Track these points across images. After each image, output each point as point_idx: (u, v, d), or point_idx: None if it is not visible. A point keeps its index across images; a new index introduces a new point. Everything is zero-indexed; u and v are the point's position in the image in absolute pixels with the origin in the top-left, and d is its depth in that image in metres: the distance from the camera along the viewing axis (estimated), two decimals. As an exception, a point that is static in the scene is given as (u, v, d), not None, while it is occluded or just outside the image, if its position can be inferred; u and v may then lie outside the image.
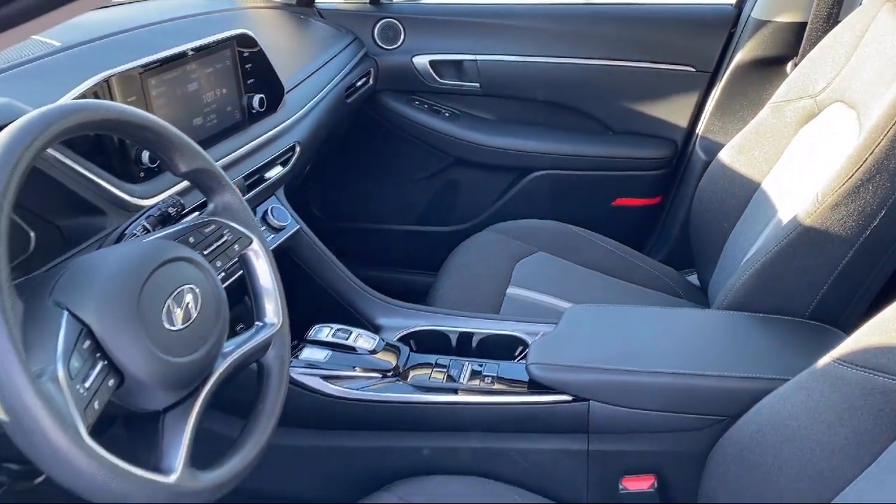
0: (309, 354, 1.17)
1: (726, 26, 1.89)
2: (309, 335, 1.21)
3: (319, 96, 1.59)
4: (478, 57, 1.97)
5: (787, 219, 1.19)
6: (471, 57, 1.98)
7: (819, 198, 1.12)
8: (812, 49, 1.46)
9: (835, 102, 1.34)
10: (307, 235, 1.41)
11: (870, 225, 1.10)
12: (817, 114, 1.38)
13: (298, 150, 1.44)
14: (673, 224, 2.00)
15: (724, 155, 1.52)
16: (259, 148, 1.33)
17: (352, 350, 1.18)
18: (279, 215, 1.33)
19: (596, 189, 2.00)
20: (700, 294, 1.57)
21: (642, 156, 1.97)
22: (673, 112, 1.96)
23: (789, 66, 1.81)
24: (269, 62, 1.36)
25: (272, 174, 1.35)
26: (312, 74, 1.64)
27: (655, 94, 1.95)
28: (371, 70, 1.94)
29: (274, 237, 1.31)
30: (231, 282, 1.08)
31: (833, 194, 1.10)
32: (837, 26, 1.43)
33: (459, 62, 2.00)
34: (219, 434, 1.06)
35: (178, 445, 0.73)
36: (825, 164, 1.23)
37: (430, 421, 1.15)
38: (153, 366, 0.71)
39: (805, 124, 1.40)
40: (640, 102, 1.96)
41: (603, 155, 1.97)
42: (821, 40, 1.45)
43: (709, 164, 1.58)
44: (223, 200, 0.90)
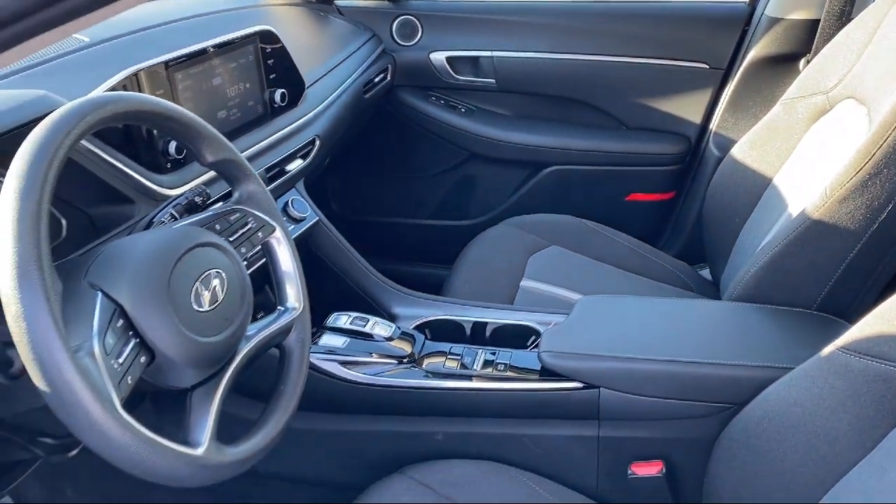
0: (328, 341, 1.21)
1: (740, 23, 1.90)
2: (328, 323, 1.25)
3: (338, 92, 1.63)
4: (494, 53, 2.00)
5: (797, 213, 1.21)
6: (487, 53, 2.00)
7: (827, 192, 1.14)
8: (825, 46, 1.47)
9: (846, 99, 1.35)
10: (326, 227, 1.44)
11: (877, 218, 1.12)
12: (829, 110, 1.39)
13: (318, 144, 1.47)
14: (686, 219, 2.01)
15: (737, 151, 1.53)
16: (280, 141, 1.36)
17: (369, 337, 1.21)
18: (299, 207, 1.37)
19: (610, 184, 2.02)
20: (712, 288, 1.59)
21: (656, 151, 1.99)
22: (686, 108, 1.97)
23: (802, 63, 1.82)
24: (291, 58, 1.40)
25: (293, 167, 1.39)
26: (332, 70, 1.67)
27: (669, 91, 1.97)
28: (389, 66, 1.97)
29: (294, 228, 1.34)
30: (253, 270, 1.12)
31: (841, 188, 1.12)
32: (850, 23, 1.44)
33: (475, 58, 2.02)
34: (241, 418, 1.10)
35: (205, 421, 0.77)
36: (835, 160, 1.24)
37: (444, 406, 1.18)
38: (182, 344, 0.75)
39: (817, 120, 1.42)
40: (655, 99, 1.98)
41: (617, 150, 1.99)
42: (833, 37, 1.46)
43: (722, 160, 1.59)
44: (248, 190, 0.94)
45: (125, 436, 0.66)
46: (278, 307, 0.95)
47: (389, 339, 1.22)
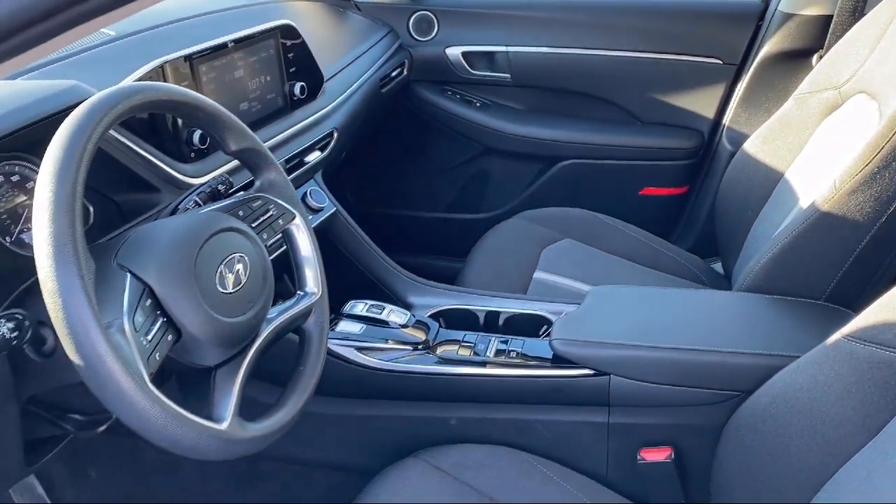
0: (344, 327, 1.24)
1: (753, 19, 1.91)
2: (345, 310, 1.27)
3: (356, 85, 1.66)
4: (509, 48, 2.02)
5: (807, 205, 1.22)
6: (502, 48, 2.02)
7: (836, 184, 1.16)
8: (837, 42, 1.49)
9: (858, 93, 1.36)
10: (343, 217, 1.47)
11: (886, 211, 1.13)
12: (840, 105, 1.40)
13: (336, 136, 1.51)
14: (699, 213, 2.03)
15: (749, 145, 1.55)
16: (299, 133, 1.39)
17: (385, 324, 1.24)
18: (317, 197, 1.40)
19: (623, 178, 2.04)
20: (724, 282, 1.61)
21: (669, 146, 2.00)
22: (700, 103, 1.99)
23: (815, 59, 1.83)
24: (310, 52, 1.43)
25: (311, 158, 1.42)
26: (350, 65, 1.70)
27: (683, 86, 1.98)
28: (405, 61, 2.00)
29: (312, 218, 1.37)
30: (273, 258, 1.15)
31: (850, 181, 1.14)
32: (863, 19, 1.45)
33: (491, 53, 2.05)
34: (260, 402, 1.13)
35: (229, 398, 0.80)
36: (846, 153, 1.26)
37: (458, 392, 1.20)
38: (207, 324, 0.78)
39: (828, 115, 1.43)
40: (668, 94, 2.00)
41: (631, 145, 2.01)
42: (846, 33, 1.48)
43: (734, 155, 1.61)
44: (269, 178, 0.97)
45: (154, 408, 0.69)
46: (298, 292, 0.98)
47: (404, 327, 1.25)
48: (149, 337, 0.73)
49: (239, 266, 0.83)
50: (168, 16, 1.38)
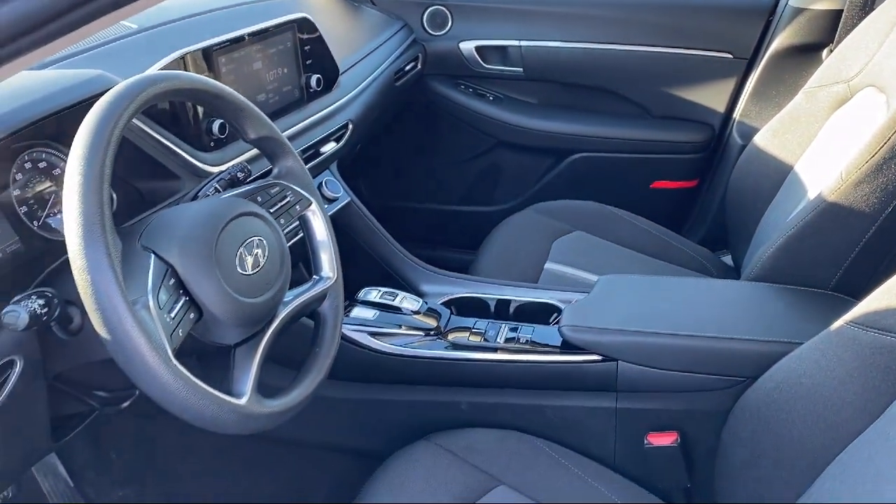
0: (358, 313, 1.27)
1: (764, 14, 1.92)
2: (359, 296, 1.30)
3: (370, 78, 1.68)
4: (521, 43, 2.04)
5: (814, 196, 1.24)
6: (515, 43, 2.05)
7: (843, 175, 1.17)
8: (847, 36, 1.50)
9: (867, 87, 1.37)
10: (358, 207, 1.50)
11: (892, 201, 1.14)
12: (849, 98, 1.42)
13: (351, 128, 1.53)
14: (709, 206, 2.04)
15: (759, 139, 1.56)
16: (315, 124, 1.43)
17: (398, 310, 1.27)
18: (332, 187, 1.43)
19: (635, 171, 2.06)
20: (733, 274, 1.62)
21: (680, 139, 2.02)
22: (711, 97, 2.00)
23: (825, 53, 1.84)
24: (326, 45, 1.46)
25: (327, 149, 1.45)
26: (364, 58, 1.73)
27: (694, 80, 2.00)
28: (419, 55, 2.02)
29: (327, 207, 1.40)
30: (290, 245, 1.18)
31: (857, 171, 1.15)
32: (872, 13, 1.46)
33: (504, 48, 2.07)
34: (275, 387, 1.16)
35: (247, 375, 0.83)
36: (853, 146, 1.27)
37: (469, 377, 1.23)
38: (227, 303, 0.81)
39: (837, 109, 1.44)
40: (679, 88, 2.01)
41: (642, 138, 2.03)
42: (856, 27, 1.49)
43: (745, 148, 1.62)
44: (286, 165, 1.00)
45: (177, 382, 0.72)
46: (314, 276, 1.01)
47: (417, 313, 1.27)
48: (172, 314, 0.76)
49: (258, 249, 0.86)
50: (187, 9, 1.41)
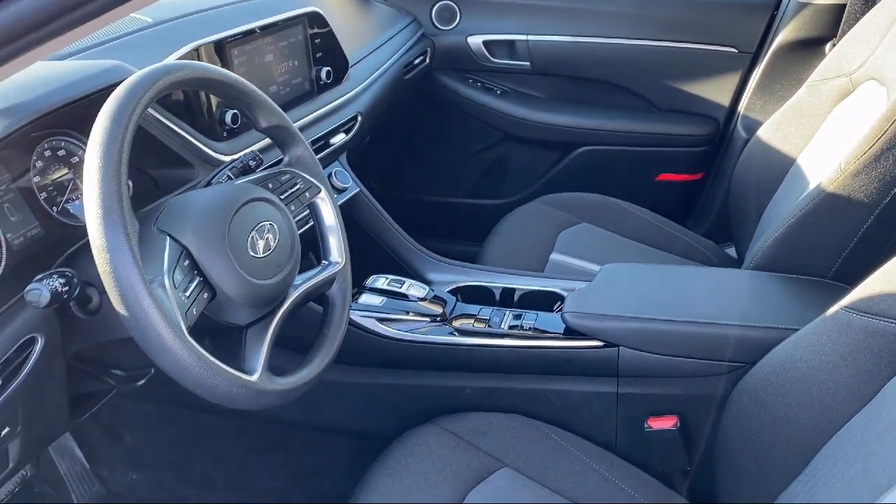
0: (366, 299, 1.30)
1: (768, 8, 1.95)
2: (367, 283, 1.33)
3: (380, 72, 1.71)
4: (529, 37, 2.07)
5: (814, 187, 1.26)
6: (522, 37, 2.07)
7: (842, 166, 1.19)
8: (850, 30, 1.52)
9: (868, 80, 1.39)
10: (366, 197, 1.53)
11: (890, 192, 1.16)
12: (851, 91, 1.43)
13: (360, 120, 1.56)
14: (714, 199, 2.06)
15: (763, 132, 1.58)
16: (325, 116, 1.46)
17: (404, 297, 1.30)
18: (342, 178, 1.46)
19: (640, 164, 2.08)
20: (736, 266, 1.64)
21: (685, 133, 2.04)
22: (715, 91, 2.02)
23: (828, 47, 1.86)
24: (336, 38, 1.49)
25: (336, 140, 1.48)
26: (374, 51, 1.76)
27: (699, 74, 2.02)
28: (428, 49, 2.05)
29: (336, 197, 1.42)
30: (299, 232, 1.21)
31: (855, 162, 1.17)
32: (874, 7, 1.48)
33: (511, 42, 2.09)
34: (285, 369, 1.19)
35: (259, 354, 0.86)
36: (854, 138, 1.29)
37: (473, 362, 1.26)
38: (239, 284, 0.84)
39: (840, 102, 1.46)
40: (684, 82, 2.04)
41: (647, 131, 2.05)
42: (859, 21, 1.51)
43: (749, 141, 1.64)
44: (297, 154, 1.03)
45: (191, 357, 0.75)
46: (322, 261, 1.04)
47: (423, 300, 1.30)
48: (187, 293, 0.79)
49: (269, 233, 0.89)
50: (201, 3, 1.44)
